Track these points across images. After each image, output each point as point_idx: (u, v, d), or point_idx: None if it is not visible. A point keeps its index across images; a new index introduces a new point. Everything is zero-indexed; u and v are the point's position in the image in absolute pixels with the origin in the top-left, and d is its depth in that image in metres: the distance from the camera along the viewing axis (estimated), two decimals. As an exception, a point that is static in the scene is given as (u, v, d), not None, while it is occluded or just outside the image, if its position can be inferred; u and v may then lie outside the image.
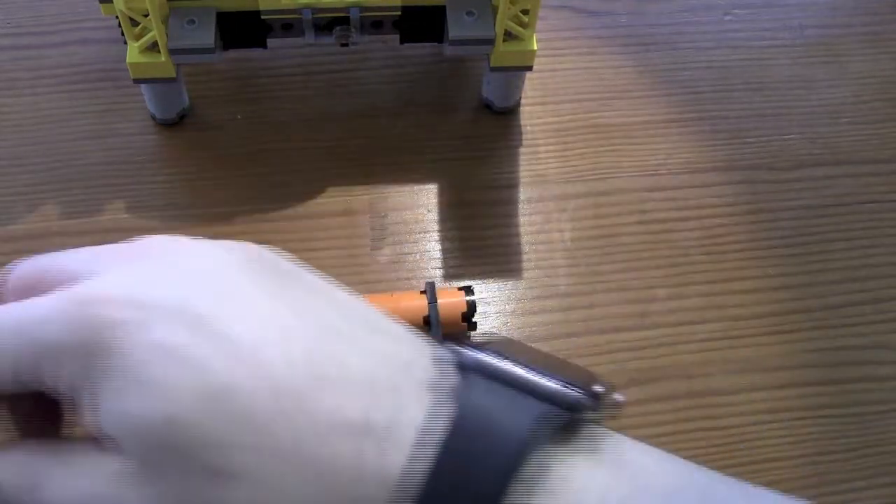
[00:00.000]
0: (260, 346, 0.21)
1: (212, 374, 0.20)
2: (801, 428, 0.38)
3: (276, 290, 0.22)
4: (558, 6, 0.51)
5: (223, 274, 0.23)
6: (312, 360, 0.21)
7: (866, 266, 0.43)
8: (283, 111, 0.46)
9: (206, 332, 0.21)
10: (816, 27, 0.51)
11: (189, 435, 0.20)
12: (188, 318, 0.21)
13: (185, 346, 0.20)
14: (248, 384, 0.20)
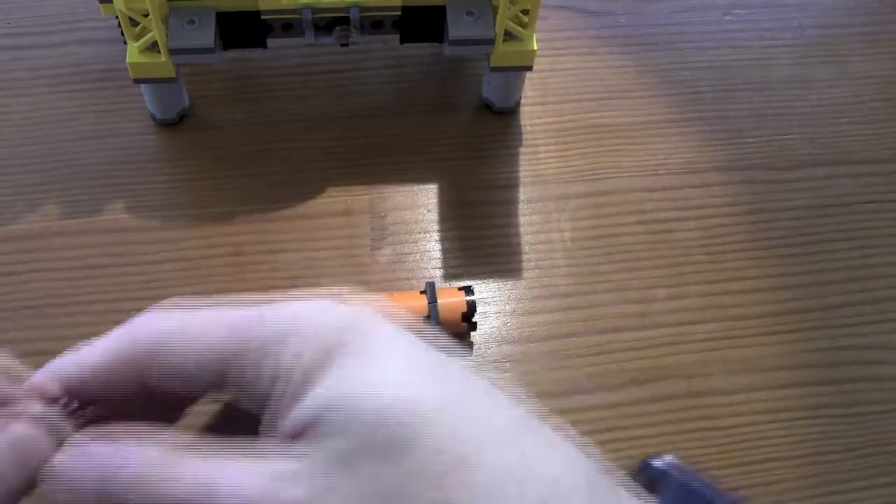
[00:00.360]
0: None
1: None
2: (801, 428, 0.38)
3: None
4: (558, 6, 0.51)
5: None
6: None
7: (866, 266, 0.43)
8: (283, 111, 0.46)
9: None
10: (816, 27, 0.51)
11: (411, 429, 0.21)
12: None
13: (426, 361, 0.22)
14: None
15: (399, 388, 0.22)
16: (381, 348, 0.23)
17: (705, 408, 0.39)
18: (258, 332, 0.23)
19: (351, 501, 0.21)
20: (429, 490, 0.21)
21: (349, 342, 0.22)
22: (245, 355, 0.23)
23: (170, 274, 0.40)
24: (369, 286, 0.41)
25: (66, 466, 0.23)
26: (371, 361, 0.22)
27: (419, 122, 0.46)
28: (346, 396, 0.22)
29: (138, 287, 0.40)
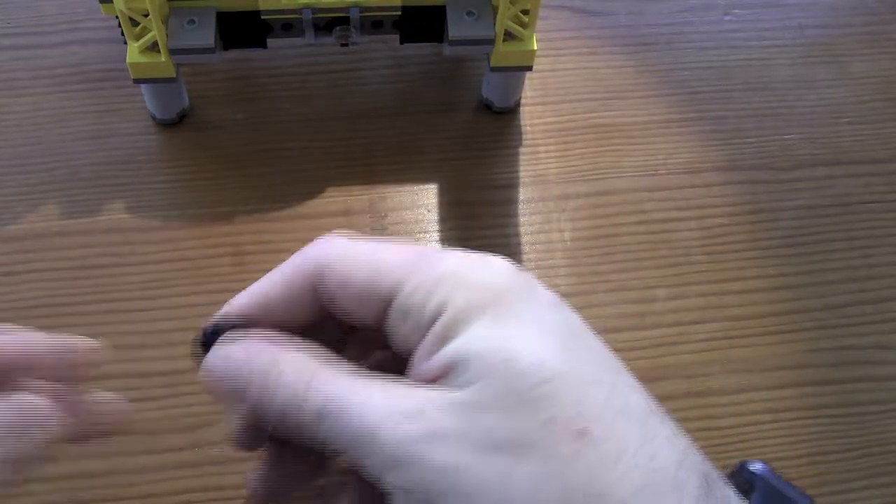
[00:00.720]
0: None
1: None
2: (801, 428, 0.38)
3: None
4: (558, 6, 0.51)
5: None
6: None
7: (866, 266, 0.43)
8: (283, 111, 0.46)
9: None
10: (816, 27, 0.51)
11: (549, 386, 0.23)
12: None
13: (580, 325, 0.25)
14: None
15: (540, 350, 0.23)
16: (533, 310, 0.24)
17: (705, 408, 0.39)
18: (425, 266, 0.25)
19: (462, 449, 0.22)
20: (543, 447, 0.22)
21: (503, 300, 0.24)
22: (410, 284, 0.25)
23: (170, 274, 0.40)
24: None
25: (224, 355, 0.25)
26: (519, 321, 0.24)
27: (419, 122, 0.46)
28: (488, 348, 0.23)
29: (138, 287, 0.40)
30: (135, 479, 0.36)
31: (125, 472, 0.36)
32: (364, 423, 0.23)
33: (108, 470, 0.36)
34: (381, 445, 0.23)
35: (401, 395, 0.24)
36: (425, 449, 0.23)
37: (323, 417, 0.24)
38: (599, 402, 0.24)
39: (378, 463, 0.23)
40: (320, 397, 0.24)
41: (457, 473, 0.22)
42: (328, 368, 0.25)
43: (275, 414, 0.24)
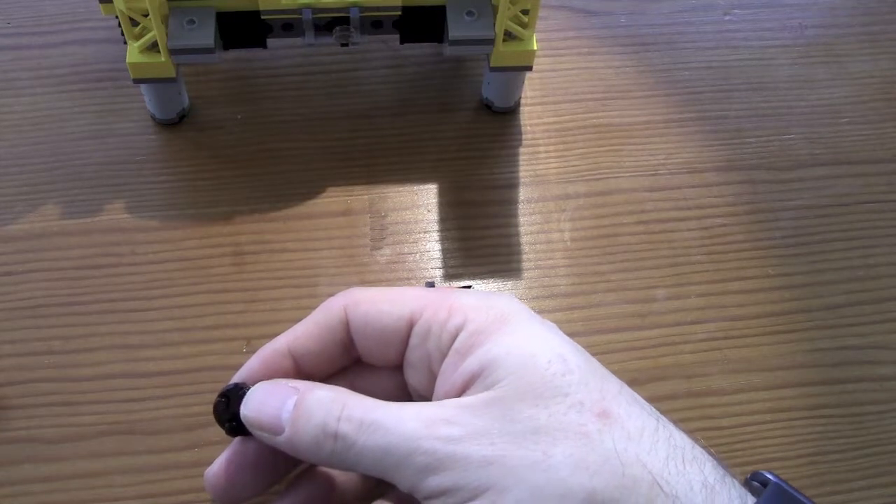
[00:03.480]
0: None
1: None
2: (801, 428, 0.38)
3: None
4: (558, 6, 0.51)
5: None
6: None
7: (866, 266, 0.43)
8: (283, 111, 0.46)
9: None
10: (816, 27, 0.51)
11: (572, 377, 0.25)
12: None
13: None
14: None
15: (558, 348, 0.26)
16: (542, 325, 0.27)
17: (705, 408, 0.39)
18: (442, 296, 0.28)
19: (501, 439, 0.24)
20: (573, 428, 0.24)
21: (516, 318, 0.27)
22: (431, 309, 0.28)
23: (170, 274, 0.40)
24: (369, 286, 0.41)
25: (261, 396, 0.28)
26: (533, 331, 0.27)
27: (419, 122, 0.46)
28: (512, 350, 0.26)
29: (138, 287, 0.40)
30: (135, 479, 0.36)
31: (125, 472, 0.36)
32: (403, 432, 0.25)
33: (108, 470, 0.36)
34: (422, 452, 0.24)
35: (434, 408, 0.26)
36: (467, 447, 0.24)
37: (360, 434, 0.25)
38: (615, 392, 0.26)
39: (416, 471, 0.24)
40: (357, 416, 0.26)
41: (497, 464, 0.24)
42: (357, 397, 0.27)
43: (309, 439, 0.26)
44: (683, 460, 0.25)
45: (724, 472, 0.25)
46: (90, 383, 0.38)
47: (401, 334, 0.29)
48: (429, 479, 0.24)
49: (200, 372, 0.38)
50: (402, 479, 0.25)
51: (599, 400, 0.25)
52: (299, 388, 0.27)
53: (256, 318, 0.40)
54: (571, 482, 0.23)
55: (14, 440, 0.36)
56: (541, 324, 0.27)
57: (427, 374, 0.29)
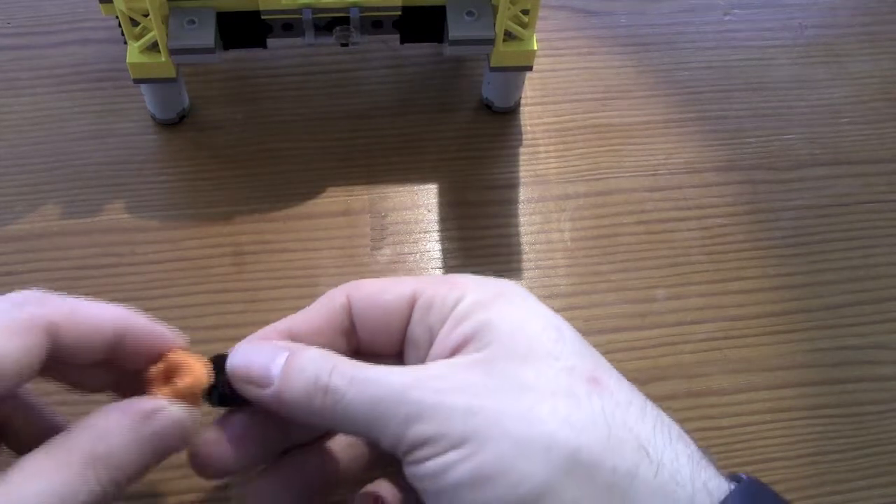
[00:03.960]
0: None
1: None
2: (801, 428, 0.38)
3: None
4: (558, 6, 0.51)
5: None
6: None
7: (866, 266, 0.43)
8: (283, 111, 0.46)
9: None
10: (816, 27, 0.51)
11: (563, 345, 0.26)
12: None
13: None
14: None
15: (550, 320, 0.27)
16: (533, 302, 0.28)
17: (705, 408, 0.39)
18: (441, 277, 0.30)
19: (486, 392, 0.25)
20: (561, 389, 0.25)
21: (512, 294, 0.28)
22: (432, 286, 0.29)
23: (170, 274, 0.40)
24: None
25: (248, 349, 0.28)
26: (528, 306, 0.28)
27: (419, 122, 0.46)
28: (507, 317, 0.26)
29: (138, 287, 0.40)
30: (135, 479, 0.36)
31: (125, 472, 0.36)
32: (392, 384, 0.25)
33: (108, 470, 0.36)
34: (409, 402, 0.25)
35: (424, 367, 0.26)
36: (452, 397, 0.25)
37: (350, 388, 0.25)
38: (607, 367, 0.27)
39: (401, 421, 0.25)
40: (348, 371, 0.26)
41: (482, 414, 0.24)
42: (347, 359, 0.27)
43: (299, 392, 0.26)
44: (670, 435, 0.25)
45: (708, 457, 0.26)
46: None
47: (403, 312, 0.29)
48: (413, 428, 0.24)
49: (200, 372, 0.38)
50: (387, 430, 0.25)
51: (591, 368, 0.26)
52: (290, 347, 0.27)
53: (256, 318, 0.39)
54: (558, 436, 0.23)
55: (14, 440, 0.36)
56: (537, 301, 0.28)
57: (428, 350, 0.29)
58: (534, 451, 0.23)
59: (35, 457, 0.24)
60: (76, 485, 0.24)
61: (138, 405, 0.26)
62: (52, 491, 0.23)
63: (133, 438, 0.26)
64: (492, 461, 0.23)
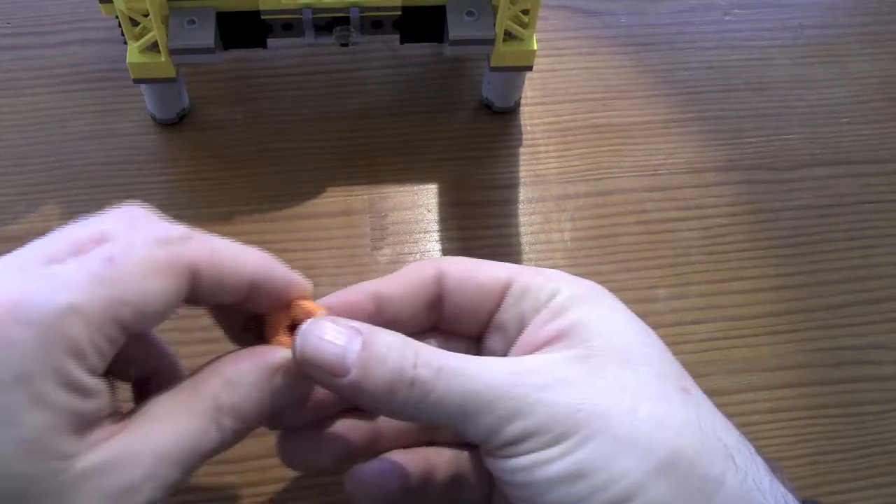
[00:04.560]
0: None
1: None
2: (801, 428, 0.38)
3: None
4: (558, 6, 0.51)
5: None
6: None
7: (866, 266, 0.43)
8: (283, 111, 0.46)
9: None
10: (816, 27, 0.51)
11: (653, 351, 0.27)
12: None
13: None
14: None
15: (640, 325, 0.27)
16: (623, 306, 0.28)
17: (705, 408, 0.39)
18: (533, 267, 0.29)
19: (589, 390, 0.24)
20: (657, 393, 0.25)
21: (603, 295, 0.28)
22: (527, 273, 0.29)
23: (170, 274, 0.40)
24: None
25: (321, 331, 0.26)
26: (618, 309, 0.28)
27: (419, 122, 0.46)
28: (602, 317, 0.27)
29: (138, 287, 0.40)
30: (135, 479, 0.36)
31: (125, 472, 0.36)
32: (485, 379, 0.24)
33: (108, 470, 0.36)
34: (510, 397, 0.24)
35: (515, 359, 0.26)
36: (555, 394, 0.24)
37: (439, 380, 0.24)
38: (689, 377, 0.27)
39: (499, 417, 0.24)
40: (434, 362, 0.25)
41: (585, 411, 0.24)
42: (427, 346, 0.26)
43: (382, 384, 0.25)
44: (749, 449, 0.25)
45: (780, 475, 0.26)
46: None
47: (496, 295, 0.29)
48: (512, 424, 0.24)
49: (200, 372, 0.38)
50: (479, 425, 0.24)
51: (680, 378, 0.26)
52: (361, 329, 0.25)
53: (256, 318, 0.40)
54: (657, 437, 0.24)
55: (14, 440, 0.36)
56: (625, 308, 0.28)
57: (515, 336, 0.28)
58: (632, 451, 0.23)
59: (164, 401, 0.24)
60: (205, 432, 0.24)
61: (268, 357, 0.26)
62: (185, 436, 0.24)
63: (260, 390, 0.25)
64: (592, 458, 0.23)
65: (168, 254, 0.24)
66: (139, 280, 0.23)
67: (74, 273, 0.23)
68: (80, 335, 0.22)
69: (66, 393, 0.22)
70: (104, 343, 0.23)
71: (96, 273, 0.23)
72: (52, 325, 0.22)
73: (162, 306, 0.24)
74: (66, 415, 0.22)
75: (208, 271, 0.25)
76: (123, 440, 0.23)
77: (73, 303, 0.22)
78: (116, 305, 0.23)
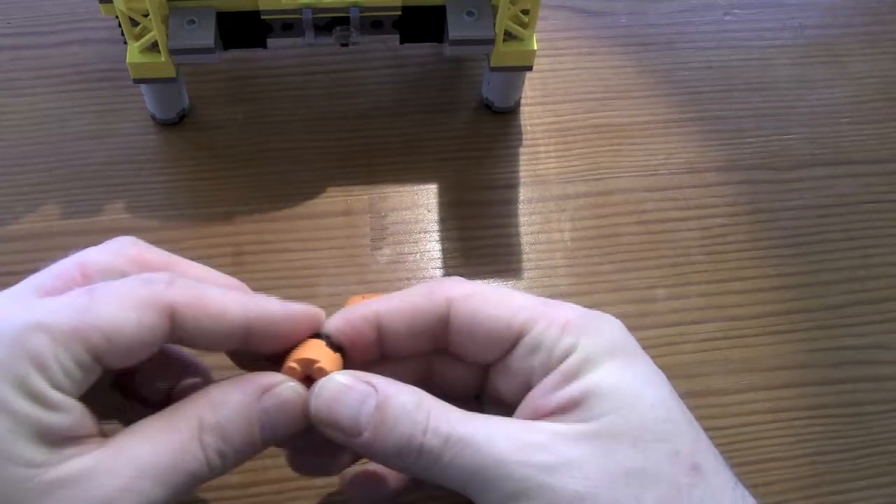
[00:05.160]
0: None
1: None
2: (801, 428, 0.38)
3: None
4: (558, 6, 0.51)
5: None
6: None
7: (866, 266, 0.43)
8: (283, 111, 0.46)
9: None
10: (816, 27, 0.51)
11: (672, 424, 0.25)
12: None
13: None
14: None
15: (660, 392, 0.26)
16: (647, 362, 0.27)
17: (705, 407, 0.39)
18: (552, 310, 0.27)
19: (595, 475, 0.24)
20: (665, 478, 0.24)
21: (625, 350, 0.27)
22: (542, 323, 0.27)
23: (170, 274, 0.40)
24: (369, 286, 0.41)
25: (335, 392, 0.26)
26: (639, 368, 0.26)
27: (419, 122, 0.46)
28: (620, 385, 0.25)
29: (138, 287, 0.40)
30: (135, 479, 0.36)
31: (125, 472, 0.36)
32: (492, 453, 0.24)
33: (108, 470, 0.36)
34: (510, 478, 0.24)
35: (524, 428, 0.25)
36: (558, 478, 0.24)
37: (446, 450, 0.24)
38: (706, 446, 0.26)
39: (504, 495, 0.24)
40: (443, 429, 0.25)
41: (589, 500, 0.23)
42: (440, 404, 0.26)
43: (392, 449, 0.25)
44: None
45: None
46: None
47: (506, 343, 0.28)
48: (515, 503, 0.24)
49: (200, 372, 0.38)
50: (483, 497, 0.24)
51: (693, 452, 0.25)
52: (378, 386, 0.25)
53: (256, 318, 0.40)
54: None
55: (14, 440, 0.36)
56: (645, 362, 0.27)
57: (520, 386, 0.28)
58: None
59: (149, 420, 0.25)
60: (186, 451, 0.24)
61: (255, 380, 0.26)
62: (165, 452, 0.24)
63: (246, 411, 0.25)
64: None
65: (149, 292, 0.25)
66: (113, 310, 0.24)
67: (54, 301, 0.24)
68: (44, 349, 0.23)
69: (27, 402, 0.22)
70: (71, 364, 0.23)
71: (73, 301, 0.24)
72: (17, 338, 0.23)
73: (136, 339, 0.24)
74: (27, 423, 0.22)
75: (190, 313, 0.25)
76: (101, 454, 0.23)
77: (40, 321, 0.23)
78: (85, 328, 0.23)
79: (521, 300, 0.28)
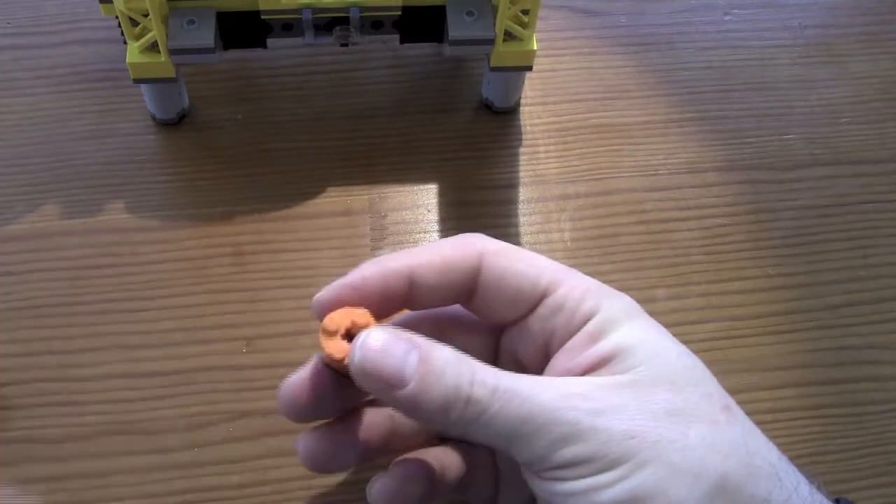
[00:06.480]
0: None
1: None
2: (801, 428, 0.38)
3: None
4: (558, 6, 0.51)
5: None
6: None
7: (866, 266, 0.43)
8: (283, 111, 0.46)
9: None
10: (816, 27, 0.51)
11: (698, 371, 0.27)
12: None
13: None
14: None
15: (679, 346, 0.28)
16: (658, 326, 0.28)
17: (705, 408, 0.39)
18: (575, 274, 0.28)
19: (641, 416, 0.25)
20: (705, 415, 0.25)
21: (642, 314, 0.28)
22: (567, 285, 0.28)
23: (170, 274, 0.40)
24: None
25: (380, 344, 0.25)
26: (659, 328, 0.28)
27: (419, 122, 0.46)
28: (646, 340, 0.27)
29: (138, 287, 0.40)
30: (135, 479, 0.36)
31: (125, 472, 0.36)
32: (542, 402, 0.24)
33: (108, 470, 0.36)
34: (564, 422, 0.24)
35: (564, 382, 0.26)
36: (609, 420, 0.24)
37: (494, 399, 0.25)
38: (728, 394, 0.27)
39: (551, 441, 0.24)
40: (490, 381, 0.25)
41: (638, 438, 0.24)
42: (481, 363, 0.26)
43: (438, 400, 0.25)
44: (790, 465, 0.26)
45: (815, 481, 0.27)
46: (91, 383, 0.38)
47: (531, 301, 0.28)
48: (566, 449, 0.24)
49: (200, 372, 0.38)
50: (531, 447, 0.24)
51: (723, 396, 0.26)
52: (419, 343, 0.25)
53: (256, 318, 0.40)
54: (706, 462, 0.24)
55: (15, 440, 0.36)
56: (658, 325, 0.29)
57: (540, 346, 0.28)
58: (686, 476, 0.24)
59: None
60: None
61: None
62: None
63: None
64: (646, 484, 0.24)
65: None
66: None
67: None
68: None
69: None
70: None
71: None
72: None
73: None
74: None
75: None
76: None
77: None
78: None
79: (546, 262, 0.29)
